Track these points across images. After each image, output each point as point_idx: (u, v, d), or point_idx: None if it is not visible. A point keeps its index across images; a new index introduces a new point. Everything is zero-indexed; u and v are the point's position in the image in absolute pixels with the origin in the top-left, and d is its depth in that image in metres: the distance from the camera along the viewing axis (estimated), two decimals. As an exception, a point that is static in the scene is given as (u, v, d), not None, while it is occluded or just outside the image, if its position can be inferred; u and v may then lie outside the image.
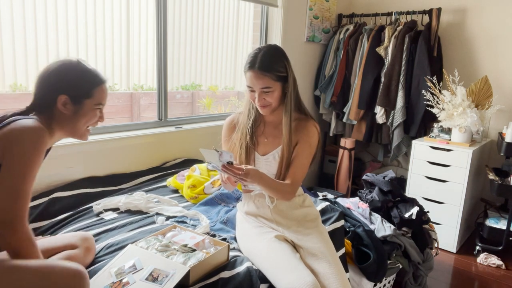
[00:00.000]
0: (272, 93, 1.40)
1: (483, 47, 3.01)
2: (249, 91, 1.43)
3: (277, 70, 1.39)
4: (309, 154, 1.50)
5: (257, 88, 1.39)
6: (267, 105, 1.43)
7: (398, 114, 3.00)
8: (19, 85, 2.26)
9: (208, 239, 1.42)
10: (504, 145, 2.48)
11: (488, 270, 2.47)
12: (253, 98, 1.43)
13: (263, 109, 1.45)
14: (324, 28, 3.52)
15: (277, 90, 1.41)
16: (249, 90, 1.43)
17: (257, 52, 1.41)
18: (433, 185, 2.70)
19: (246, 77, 1.42)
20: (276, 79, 1.39)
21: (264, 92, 1.39)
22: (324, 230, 1.53)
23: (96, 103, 1.30)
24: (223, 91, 3.62)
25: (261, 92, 1.40)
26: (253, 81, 1.39)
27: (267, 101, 1.42)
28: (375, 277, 1.69)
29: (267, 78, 1.37)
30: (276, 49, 1.44)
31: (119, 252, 1.33)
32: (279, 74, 1.40)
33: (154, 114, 2.60)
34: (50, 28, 2.26)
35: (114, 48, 2.64)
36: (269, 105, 1.43)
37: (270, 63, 1.39)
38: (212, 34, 3.28)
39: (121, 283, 1.13)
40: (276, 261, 1.32)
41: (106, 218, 1.73)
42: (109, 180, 2.12)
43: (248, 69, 1.40)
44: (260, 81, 1.38)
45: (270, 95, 1.40)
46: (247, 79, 1.42)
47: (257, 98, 1.41)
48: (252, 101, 1.46)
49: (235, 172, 1.28)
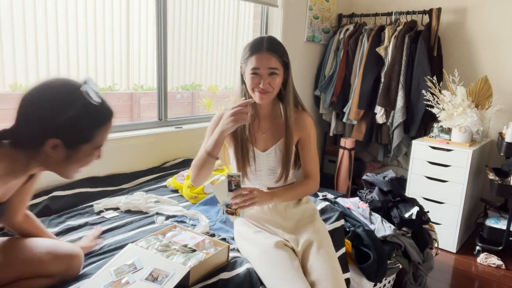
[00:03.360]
0: (277, 77, 1.38)
1: (483, 47, 3.01)
2: (252, 74, 1.37)
3: (283, 54, 1.40)
4: (314, 146, 1.52)
5: (265, 69, 1.36)
6: (269, 91, 1.39)
7: (398, 114, 3.00)
8: (19, 85, 2.26)
9: (208, 239, 1.41)
10: (504, 145, 2.48)
11: (488, 270, 2.47)
12: (256, 82, 1.38)
13: (263, 96, 1.40)
14: (324, 28, 3.52)
15: (280, 75, 1.40)
16: (251, 74, 1.38)
17: (261, 38, 1.41)
18: (433, 185, 2.70)
19: (250, 61, 1.37)
20: (281, 63, 1.39)
21: (271, 74, 1.37)
22: (321, 226, 1.51)
23: (96, 147, 1.06)
24: (223, 91, 3.62)
25: (267, 75, 1.37)
26: (262, 62, 1.36)
27: (270, 87, 1.39)
28: (375, 277, 1.69)
29: (275, 59, 1.37)
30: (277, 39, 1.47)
31: (118, 251, 1.33)
32: (284, 59, 1.41)
33: (154, 114, 2.60)
34: (50, 28, 2.26)
35: (114, 48, 2.64)
36: (270, 92, 1.40)
37: (277, 46, 1.40)
38: (212, 34, 3.27)
39: (120, 282, 1.13)
40: (273, 270, 1.31)
41: (107, 216, 1.73)
42: (109, 180, 2.12)
43: (254, 52, 1.37)
44: (268, 62, 1.36)
45: (274, 79, 1.38)
46: (253, 61, 1.37)
47: (262, 81, 1.37)
48: (251, 89, 1.41)
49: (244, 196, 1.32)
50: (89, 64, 2.53)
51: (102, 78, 2.67)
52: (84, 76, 1.05)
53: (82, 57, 2.47)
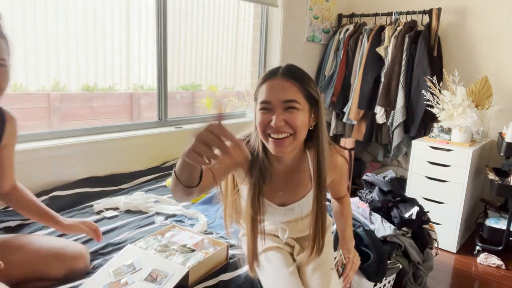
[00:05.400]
0: (297, 113, 0.98)
1: (483, 47, 3.01)
2: (262, 110, 1.00)
3: (307, 83, 1.03)
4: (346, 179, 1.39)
5: (277, 101, 0.97)
6: (288, 135, 0.99)
7: (398, 114, 3.00)
8: (19, 85, 2.26)
9: (207, 239, 1.41)
10: (504, 145, 2.48)
11: (488, 270, 2.47)
12: (266, 121, 0.99)
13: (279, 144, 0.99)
14: (324, 28, 3.52)
15: (304, 111, 1.01)
16: (261, 110, 1.00)
17: (279, 66, 1.05)
18: (433, 185, 2.70)
19: (261, 92, 1.01)
20: (305, 96, 1.01)
21: (287, 108, 0.98)
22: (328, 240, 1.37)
23: None
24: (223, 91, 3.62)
25: (282, 109, 0.98)
26: (273, 91, 0.98)
27: (288, 126, 0.98)
28: (375, 277, 1.68)
29: (294, 88, 0.99)
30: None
31: (118, 252, 1.33)
32: (310, 91, 1.02)
33: (154, 114, 2.60)
34: (49, 28, 2.26)
35: (114, 48, 2.64)
36: (290, 137, 1.00)
37: (298, 72, 1.03)
38: (212, 34, 3.27)
39: (120, 283, 1.12)
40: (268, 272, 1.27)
41: (107, 215, 1.74)
42: (109, 180, 2.12)
43: (266, 80, 1.01)
44: (283, 90, 0.98)
45: (293, 116, 0.98)
46: (262, 92, 1.00)
47: (274, 119, 0.97)
48: (261, 132, 1.01)
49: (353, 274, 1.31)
50: (89, 64, 2.53)
51: (102, 78, 2.67)
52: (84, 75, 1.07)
53: (82, 57, 2.46)
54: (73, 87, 2.54)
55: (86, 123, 2.69)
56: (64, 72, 2.44)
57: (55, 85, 2.44)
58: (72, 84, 2.52)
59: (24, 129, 2.31)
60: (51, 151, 1.94)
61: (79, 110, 2.64)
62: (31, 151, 1.87)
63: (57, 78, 2.43)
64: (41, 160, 1.91)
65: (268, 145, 1.02)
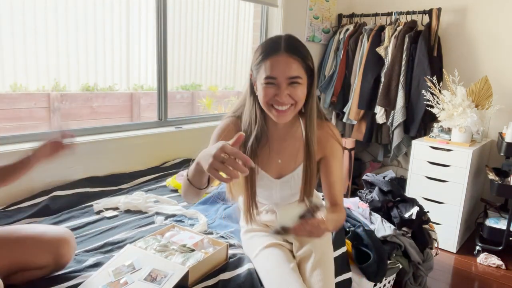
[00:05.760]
0: (299, 87, 1.08)
1: (483, 47, 3.01)
2: (266, 85, 1.08)
3: (306, 56, 1.10)
4: (340, 167, 1.25)
5: (283, 77, 1.05)
6: (290, 105, 1.09)
7: (398, 114, 3.00)
8: (19, 85, 2.26)
9: (207, 239, 1.41)
10: (504, 145, 2.48)
11: (488, 270, 2.47)
12: (270, 95, 1.08)
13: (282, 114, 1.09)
14: (324, 28, 3.52)
15: (304, 84, 1.10)
16: (265, 85, 1.08)
17: (277, 37, 1.11)
18: (433, 185, 2.70)
19: (264, 68, 1.07)
20: (305, 69, 1.09)
21: (291, 84, 1.07)
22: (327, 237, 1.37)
23: None
24: (223, 91, 3.62)
25: (286, 85, 1.06)
26: (279, 67, 1.05)
27: (291, 99, 1.08)
28: (375, 277, 1.68)
29: (297, 64, 1.06)
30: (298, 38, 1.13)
31: (117, 251, 1.33)
32: (308, 63, 1.10)
33: (154, 114, 2.60)
34: (50, 28, 2.26)
35: (114, 48, 2.64)
36: (291, 107, 1.10)
37: (299, 46, 1.09)
38: (212, 34, 3.27)
39: (119, 282, 1.12)
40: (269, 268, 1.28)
41: (107, 215, 1.74)
42: (109, 180, 2.12)
43: (269, 55, 1.07)
44: (288, 68, 1.05)
45: (296, 90, 1.08)
46: (267, 68, 1.06)
47: (280, 93, 1.06)
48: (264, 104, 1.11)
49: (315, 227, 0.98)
50: (89, 64, 2.53)
51: (102, 78, 2.67)
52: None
53: (82, 57, 2.47)
54: (73, 87, 2.54)
55: (86, 123, 2.69)
56: (64, 72, 2.44)
57: (55, 85, 2.45)
58: (72, 84, 2.52)
59: (24, 129, 2.32)
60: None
61: (79, 110, 2.64)
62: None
63: (57, 78, 2.43)
64: (41, 160, 1.91)
65: (270, 114, 1.12)
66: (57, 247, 1.19)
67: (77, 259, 1.35)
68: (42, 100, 2.43)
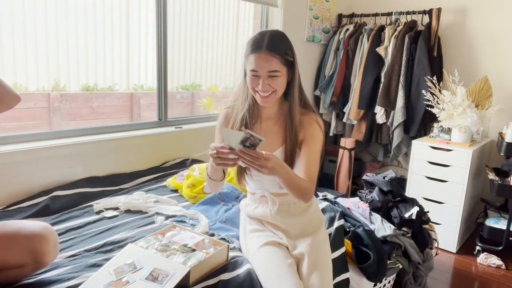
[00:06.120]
0: (278, 78, 1.30)
1: (483, 47, 3.01)
2: (252, 76, 1.31)
3: (285, 53, 1.30)
4: (318, 150, 1.39)
5: (264, 71, 1.28)
6: (271, 92, 1.31)
7: (398, 114, 3.00)
8: (19, 85, 2.26)
9: (208, 239, 1.41)
10: (504, 145, 2.48)
11: (488, 270, 2.47)
12: (255, 84, 1.31)
13: (265, 99, 1.32)
14: (324, 28, 3.52)
15: (283, 75, 1.31)
16: (251, 76, 1.31)
17: (262, 34, 1.30)
18: (433, 185, 2.70)
19: (250, 61, 1.29)
20: (283, 63, 1.30)
21: (270, 76, 1.29)
22: (321, 238, 1.44)
23: None
24: (223, 91, 3.62)
25: (266, 77, 1.28)
26: (260, 63, 1.27)
27: (271, 88, 1.30)
28: (375, 277, 1.68)
29: (275, 60, 1.27)
30: (282, 33, 1.35)
31: (118, 251, 1.33)
32: (287, 58, 1.31)
33: (154, 114, 2.60)
34: (50, 28, 2.26)
35: (114, 48, 2.64)
36: (272, 93, 1.32)
37: (279, 44, 1.29)
38: (212, 34, 3.27)
39: (121, 281, 1.12)
40: (267, 265, 1.29)
41: (107, 215, 1.73)
42: (109, 180, 2.12)
43: (253, 51, 1.28)
44: (268, 64, 1.27)
45: (275, 81, 1.30)
46: (251, 62, 1.29)
47: (261, 83, 1.29)
48: (251, 90, 1.35)
49: (254, 157, 1.14)
50: (89, 64, 2.53)
51: (102, 78, 2.67)
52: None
53: (82, 57, 2.46)
54: (73, 87, 2.54)
55: (86, 123, 2.69)
56: (64, 72, 2.44)
57: (55, 85, 2.44)
58: (72, 84, 2.52)
59: (24, 129, 2.31)
60: (51, 151, 1.94)
61: (79, 110, 2.64)
62: (31, 151, 1.87)
63: (57, 78, 2.43)
64: (41, 160, 1.91)
65: (256, 98, 1.36)
66: (34, 244, 1.12)
67: (77, 259, 1.35)
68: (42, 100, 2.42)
